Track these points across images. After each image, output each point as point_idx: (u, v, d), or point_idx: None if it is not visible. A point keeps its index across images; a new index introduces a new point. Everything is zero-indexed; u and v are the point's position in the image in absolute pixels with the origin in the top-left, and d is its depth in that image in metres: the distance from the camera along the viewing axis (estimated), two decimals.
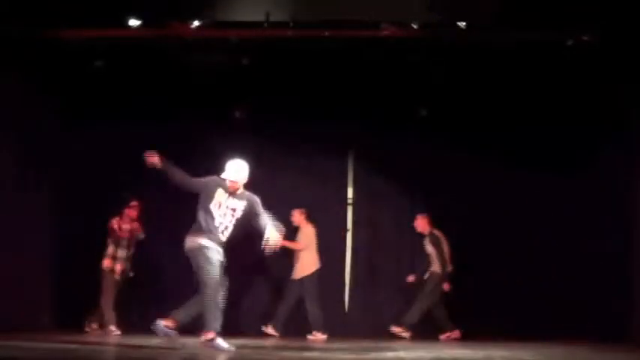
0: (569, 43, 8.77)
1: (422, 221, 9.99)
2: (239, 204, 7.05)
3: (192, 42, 9.02)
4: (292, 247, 9.71)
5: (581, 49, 8.79)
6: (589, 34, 8.62)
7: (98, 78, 9.72)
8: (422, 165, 10.36)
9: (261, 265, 9.90)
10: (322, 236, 10.15)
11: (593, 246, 9.55)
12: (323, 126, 10.17)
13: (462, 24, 8.58)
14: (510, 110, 10.04)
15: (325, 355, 6.55)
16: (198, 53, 9.28)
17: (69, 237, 9.86)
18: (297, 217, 9.88)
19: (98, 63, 9.50)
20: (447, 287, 9.82)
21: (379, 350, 7.45)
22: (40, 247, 9.58)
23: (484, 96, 9.98)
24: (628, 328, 8.81)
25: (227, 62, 9.45)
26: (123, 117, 10.03)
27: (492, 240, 10.08)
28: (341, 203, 10.59)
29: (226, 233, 6.99)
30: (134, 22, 8.66)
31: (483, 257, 10.07)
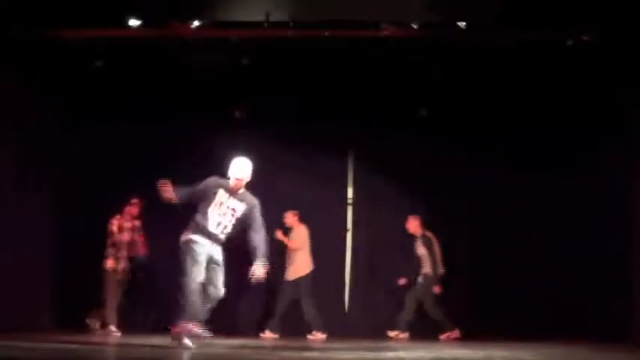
0: (569, 43, 8.76)
1: (413, 223, 9.97)
2: (240, 205, 7.07)
3: (192, 42, 9.02)
4: (287, 244, 9.74)
5: (581, 49, 8.79)
6: (589, 34, 8.62)
7: (98, 78, 9.72)
8: (422, 165, 10.36)
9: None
10: (322, 236, 10.15)
11: (593, 246, 9.55)
12: (323, 126, 10.17)
13: (462, 24, 8.58)
14: (510, 110, 10.04)
15: (325, 355, 6.55)
16: (198, 53, 9.28)
17: (69, 237, 9.87)
18: (290, 219, 9.89)
19: (98, 63, 9.50)
20: (438, 289, 9.78)
21: (379, 350, 7.45)
22: (40, 247, 9.58)
23: (484, 96, 9.97)
24: (628, 328, 8.81)
25: (227, 62, 9.44)
26: (123, 117, 10.03)
27: (492, 240, 10.08)
28: (341, 203, 10.59)
29: (226, 232, 7.03)
30: (134, 22, 8.66)
31: (483, 257, 10.08)
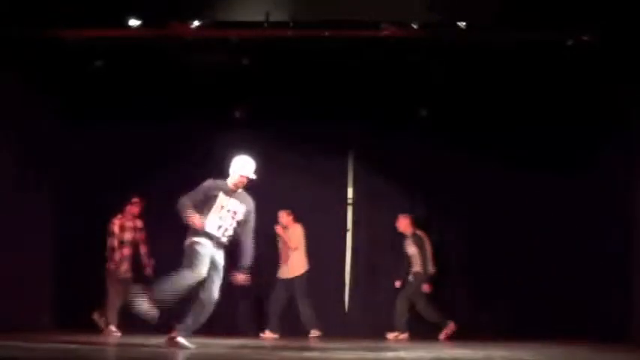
0: (569, 43, 8.76)
1: (404, 221, 9.95)
2: (240, 207, 7.06)
3: (192, 42, 9.01)
4: (286, 241, 9.76)
5: (581, 49, 8.78)
6: (589, 34, 8.62)
7: (98, 78, 9.72)
8: (422, 165, 10.36)
9: (260, 265, 9.91)
10: (322, 236, 10.16)
11: (593, 246, 9.55)
12: (323, 126, 10.17)
13: (462, 24, 8.57)
14: (510, 110, 10.03)
15: (325, 355, 6.54)
16: (198, 53, 9.27)
17: (69, 237, 9.87)
18: (284, 218, 9.88)
19: (98, 63, 9.50)
20: (428, 288, 9.74)
21: (379, 350, 7.44)
22: (40, 247, 9.58)
23: (484, 96, 9.97)
24: (628, 328, 8.81)
25: (227, 62, 9.44)
26: (123, 117, 10.03)
27: (492, 240, 10.08)
28: (341, 203, 10.59)
29: (227, 235, 7.01)
30: (134, 22, 8.65)
31: (483, 257, 10.09)
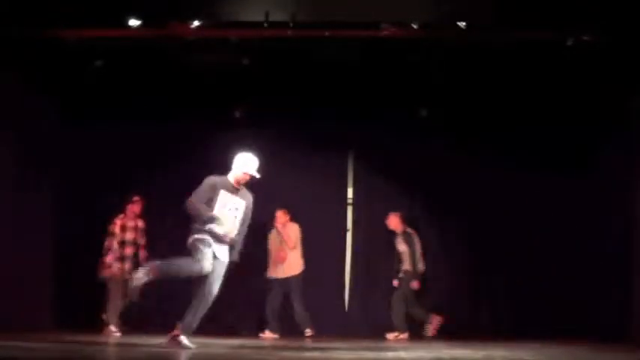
0: (569, 43, 8.76)
1: (394, 219, 9.94)
2: (241, 203, 7.08)
3: (192, 42, 9.01)
4: (284, 239, 9.75)
5: (581, 49, 8.78)
6: (589, 34, 8.61)
7: (98, 78, 9.72)
8: (422, 165, 10.36)
9: (260, 266, 9.92)
10: (322, 236, 10.16)
11: (593, 246, 9.55)
12: (323, 126, 10.17)
13: (462, 24, 8.57)
14: (510, 110, 10.03)
15: (325, 355, 6.54)
16: (198, 53, 9.27)
17: (69, 237, 9.87)
18: (281, 218, 9.88)
19: (98, 63, 9.49)
20: (417, 285, 9.72)
21: (379, 350, 7.44)
22: (40, 247, 9.57)
23: (484, 96, 9.96)
24: (628, 328, 8.81)
25: (227, 62, 9.44)
26: (123, 117, 10.03)
27: (492, 240, 10.08)
28: (341, 203, 10.59)
29: (230, 233, 7.01)
30: (134, 22, 8.64)
31: (483, 257, 10.09)
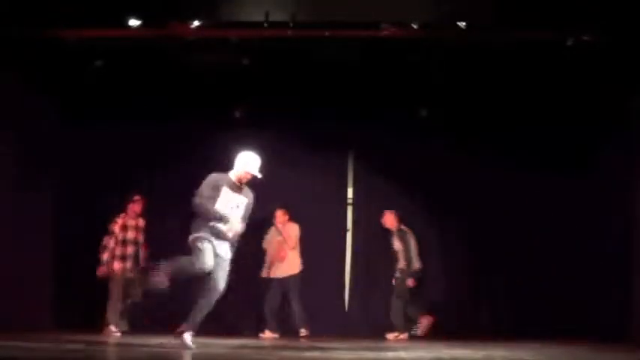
0: (569, 43, 8.76)
1: (389, 217, 9.93)
2: (243, 201, 7.09)
3: (192, 42, 9.01)
4: (284, 238, 9.75)
5: (581, 49, 8.78)
6: (589, 34, 8.61)
7: (98, 78, 9.72)
8: (422, 165, 10.36)
9: (260, 265, 9.92)
10: (322, 236, 10.16)
11: (593, 246, 9.55)
12: (323, 126, 10.17)
13: (462, 24, 8.57)
14: (510, 110, 10.03)
15: (325, 355, 6.55)
16: (198, 53, 9.27)
17: (69, 237, 9.86)
18: (280, 217, 9.87)
19: (98, 63, 9.49)
20: (412, 283, 9.69)
21: (379, 350, 7.45)
22: (40, 247, 9.57)
23: (484, 96, 9.96)
24: (628, 328, 8.81)
25: (227, 62, 9.44)
26: (123, 117, 10.03)
27: (492, 240, 10.08)
28: (341, 203, 10.59)
29: (233, 230, 6.99)
30: (134, 22, 8.64)
31: (483, 257, 10.09)
